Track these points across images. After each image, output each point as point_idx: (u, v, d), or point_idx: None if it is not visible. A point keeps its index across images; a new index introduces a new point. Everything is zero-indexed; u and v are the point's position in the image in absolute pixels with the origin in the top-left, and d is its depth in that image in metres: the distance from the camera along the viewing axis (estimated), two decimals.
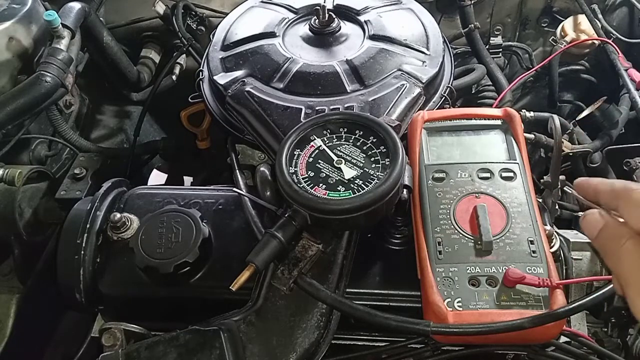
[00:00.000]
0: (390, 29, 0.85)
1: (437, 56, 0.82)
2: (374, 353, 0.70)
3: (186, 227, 0.69)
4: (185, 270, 0.68)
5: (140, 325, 0.65)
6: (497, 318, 0.55)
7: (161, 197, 0.77)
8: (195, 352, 0.60)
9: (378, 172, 0.61)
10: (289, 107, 0.75)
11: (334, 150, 0.63)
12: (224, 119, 0.82)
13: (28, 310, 0.91)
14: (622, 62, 1.00)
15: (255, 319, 0.64)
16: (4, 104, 0.83)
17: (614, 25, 1.13)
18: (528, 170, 0.66)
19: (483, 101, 1.04)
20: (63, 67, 0.89)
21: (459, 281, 0.59)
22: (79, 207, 0.77)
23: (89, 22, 1.02)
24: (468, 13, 1.08)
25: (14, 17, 0.93)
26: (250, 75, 0.81)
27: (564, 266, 0.69)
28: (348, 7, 0.91)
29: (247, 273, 0.58)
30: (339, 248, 0.66)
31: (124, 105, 1.34)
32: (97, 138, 1.26)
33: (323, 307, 0.64)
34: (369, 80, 0.77)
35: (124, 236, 0.71)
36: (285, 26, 0.89)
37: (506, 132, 0.70)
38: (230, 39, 0.88)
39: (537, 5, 1.25)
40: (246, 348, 0.62)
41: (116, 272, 0.71)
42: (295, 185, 0.59)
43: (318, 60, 0.81)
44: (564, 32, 1.15)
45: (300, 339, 0.63)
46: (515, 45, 1.22)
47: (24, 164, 1.01)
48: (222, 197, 0.77)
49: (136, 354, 0.61)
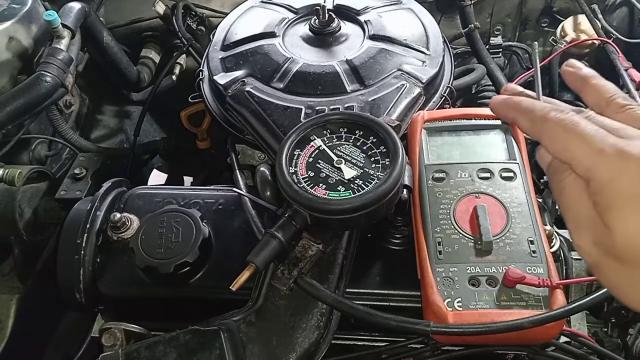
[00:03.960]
0: (390, 29, 0.85)
1: (437, 56, 0.82)
2: (374, 353, 0.70)
3: (186, 227, 0.69)
4: (185, 270, 0.68)
5: (140, 325, 0.65)
6: (497, 318, 0.55)
7: (161, 197, 0.77)
8: (195, 352, 0.60)
9: (378, 172, 0.61)
10: (289, 107, 0.75)
11: (334, 150, 0.63)
12: (224, 119, 0.82)
13: (28, 310, 0.91)
14: (622, 62, 1.00)
15: (255, 319, 0.64)
16: (4, 104, 0.83)
17: (614, 25, 1.13)
18: (528, 170, 0.66)
19: (483, 101, 1.04)
20: (63, 67, 0.89)
21: (459, 281, 0.59)
22: (79, 207, 0.77)
23: (89, 22, 1.02)
24: (468, 13, 1.08)
25: (14, 17, 0.93)
26: (250, 75, 0.81)
27: (564, 266, 0.69)
28: (348, 7, 0.91)
29: (247, 273, 0.58)
30: (339, 248, 0.66)
31: (124, 105, 1.34)
32: (97, 138, 1.26)
33: (323, 307, 0.64)
34: (369, 80, 0.77)
35: (124, 236, 0.71)
36: (285, 26, 0.89)
37: (506, 132, 0.70)
38: (230, 39, 0.88)
39: (537, 5, 1.25)
40: (246, 348, 0.62)
41: (116, 272, 0.71)
42: (295, 185, 0.59)
43: (318, 60, 0.81)
44: (564, 32, 1.14)
45: (300, 339, 0.63)
46: (515, 45, 1.22)
47: (24, 164, 1.01)
48: (222, 197, 0.77)
49: (136, 354, 0.61)
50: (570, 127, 0.39)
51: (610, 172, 0.35)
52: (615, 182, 0.35)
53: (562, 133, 0.39)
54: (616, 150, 0.35)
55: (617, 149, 0.35)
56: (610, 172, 0.35)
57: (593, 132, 0.37)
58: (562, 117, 0.40)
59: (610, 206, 0.35)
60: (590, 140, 0.37)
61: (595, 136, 0.37)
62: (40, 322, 0.95)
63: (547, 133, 0.41)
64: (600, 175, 0.36)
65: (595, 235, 0.37)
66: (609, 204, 0.35)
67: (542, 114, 0.42)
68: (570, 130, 0.38)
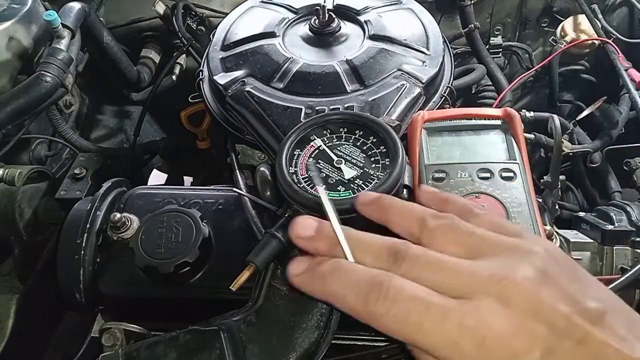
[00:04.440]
0: (390, 29, 0.85)
1: (437, 56, 0.82)
2: (374, 353, 0.70)
3: (186, 227, 0.69)
4: (186, 270, 0.67)
5: (140, 325, 0.65)
6: None
7: (161, 197, 0.77)
8: (195, 352, 0.60)
9: (378, 172, 0.61)
10: (289, 107, 0.75)
11: (334, 150, 0.63)
12: (224, 119, 0.82)
13: (28, 310, 0.91)
14: (622, 62, 1.00)
15: (255, 319, 0.64)
16: (4, 104, 0.83)
17: (614, 25, 1.13)
18: (528, 170, 0.66)
19: (483, 101, 1.04)
20: (63, 67, 0.89)
21: None
22: (79, 207, 0.77)
23: (89, 22, 1.02)
24: (468, 13, 1.08)
25: (14, 17, 0.93)
26: (250, 75, 0.81)
27: None
28: (348, 7, 0.91)
29: (247, 273, 0.58)
30: None
31: (124, 105, 1.34)
32: (97, 138, 1.26)
33: (323, 307, 0.64)
34: (369, 80, 0.77)
35: (124, 236, 0.71)
36: (285, 26, 0.89)
37: (506, 132, 0.70)
38: (230, 39, 0.88)
39: (537, 5, 1.25)
40: (246, 348, 0.62)
41: (116, 272, 0.71)
42: (295, 185, 0.59)
43: (318, 60, 0.81)
44: (564, 32, 1.15)
45: (300, 339, 0.63)
46: (515, 45, 1.22)
47: (24, 164, 1.01)
48: (222, 197, 0.77)
49: (136, 354, 0.60)
50: (393, 299, 0.34)
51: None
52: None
53: (395, 317, 0.34)
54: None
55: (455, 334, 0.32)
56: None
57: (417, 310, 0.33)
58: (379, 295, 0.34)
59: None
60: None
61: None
62: (40, 322, 0.95)
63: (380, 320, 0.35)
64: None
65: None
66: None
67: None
68: (397, 303, 0.33)
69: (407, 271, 0.35)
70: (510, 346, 0.31)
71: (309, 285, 0.39)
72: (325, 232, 0.39)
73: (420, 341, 0.33)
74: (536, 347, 0.31)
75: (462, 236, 0.36)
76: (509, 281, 0.32)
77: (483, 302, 0.32)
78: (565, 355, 0.31)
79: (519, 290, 0.32)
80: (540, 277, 0.32)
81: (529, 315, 0.31)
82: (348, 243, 0.39)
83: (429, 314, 0.32)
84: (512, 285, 0.32)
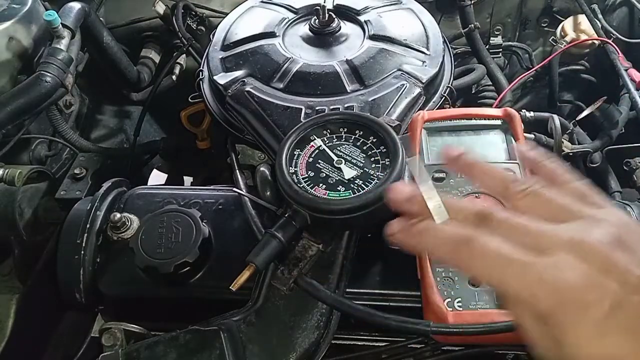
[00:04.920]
0: (390, 29, 0.85)
1: (437, 56, 0.82)
2: (374, 353, 0.70)
3: (186, 227, 0.69)
4: (186, 270, 0.68)
5: (140, 325, 0.65)
6: (497, 318, 0.55)
7: (161, 197, 0.77)
8: (195, 352, 0.60)
9: (378, 172, 0.61)
10: (289, 107, 0.75)
11: (334, 150, 0.63)
12: (224, 119, 0.82)
13: (28, 310, 0.91)
14: (622, 62, 1.00)
15: (255, 319, 0.64)
16: (4, 104, 0.83)
17: (614, 25, 1.13)
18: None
19: (483, 101, 1.04)
20: (63, 67, 0.89)
21: (459, 281, 0.59)
22: (79, 207, 0.77)
23: (89, 22, 1.02)
24: (468, 13, 1.08)
25: (14, 17, 0.93)
26: (250, 75, 0.81)
27: None
28: (348, 7, 0.91)
29: (247, 273, 0.58)
30: (339, 248, 0.66)
31: (124, 105, 1.34)
32: (97, 138, 1.26)
33: (323, 307, 0.64)
34: (369, 80, 0.77)
35: (124, 236, 0.71)
36: (285, 26, 0.89)
37: (506, 132, 0.70)
38: (230, 39, 0.88)
39: (537, 5, 1.25)
40: (246, 348, 0.62)
41: (116, 272, 0.71)
42: (295, 185, 0.59)
43: (318, 60, 0.81)
44: (564, 32, 1.14)
45: (300, 339, 0.63)
46: (515, 45, 1.22)
47: (24, 164, 1.01)
48: (222, 197, 0.77)
49: (136, 354, 0.61)
50: (479, 254, 0.37)
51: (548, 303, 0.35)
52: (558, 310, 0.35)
53: (481, 268, 0.37)
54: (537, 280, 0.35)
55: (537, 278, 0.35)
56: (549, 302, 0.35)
57: (506, 256, 0.36)
58: (468, 244, 0.37)
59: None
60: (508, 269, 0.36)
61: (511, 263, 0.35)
62: (40, 322, 0.95)
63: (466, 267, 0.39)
64: (540, 307, 0.35)
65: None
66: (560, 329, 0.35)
67: (439, 243, 0.39)
68: (483, 258, 0.37)
69: (493, 232, 0.38)
70: (583, 298, 0.34)
71: (406, 241, 0.43)
72: (418, 196, 0.44)
73: (503, 292, 0.37)
74: (606, 299, 0.33)
75: (543, 203, 0.40)
76: (587, 244, 0.35)
77: (561, 258, 0.35)
78: (633, 308, 0.33)
79: (595, 251, 0.35)
80: (615, 242, 0.36)
81: (603, 273, 0.34)
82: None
83: (511, 268, 0.36)
84: (589, 247, 0.35)
